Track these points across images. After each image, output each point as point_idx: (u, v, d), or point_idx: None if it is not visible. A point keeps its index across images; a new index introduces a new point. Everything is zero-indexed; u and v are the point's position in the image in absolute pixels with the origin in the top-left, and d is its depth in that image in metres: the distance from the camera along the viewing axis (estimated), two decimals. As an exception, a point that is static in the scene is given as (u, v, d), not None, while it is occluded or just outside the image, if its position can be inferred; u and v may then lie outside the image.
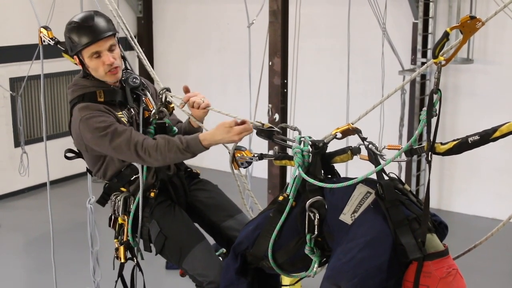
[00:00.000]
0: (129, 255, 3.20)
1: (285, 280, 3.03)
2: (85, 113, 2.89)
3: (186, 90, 3.05)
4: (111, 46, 2.95)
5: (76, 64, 3.04)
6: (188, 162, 3.34)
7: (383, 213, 2.34)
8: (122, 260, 3.17)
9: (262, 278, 2.82)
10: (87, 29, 2.91)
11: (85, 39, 2.91)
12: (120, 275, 3.26)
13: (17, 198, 8.91)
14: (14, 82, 8.60)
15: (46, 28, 3.39)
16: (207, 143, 2.79)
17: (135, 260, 3.21)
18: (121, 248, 3.14)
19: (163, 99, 3.09)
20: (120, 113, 2.99)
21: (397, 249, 2.28)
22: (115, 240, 3.16)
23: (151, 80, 3.43)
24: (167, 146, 2.79)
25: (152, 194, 3.06)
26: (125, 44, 3.79)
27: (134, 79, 3.08)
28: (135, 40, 3.29)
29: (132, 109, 3.07)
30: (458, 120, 7.83)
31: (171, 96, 3.10)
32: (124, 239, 3.13)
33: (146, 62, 3.21)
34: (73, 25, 2.95)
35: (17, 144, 8.66)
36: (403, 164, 7.68)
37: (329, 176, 2.64)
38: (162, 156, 2.80)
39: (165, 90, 3.09)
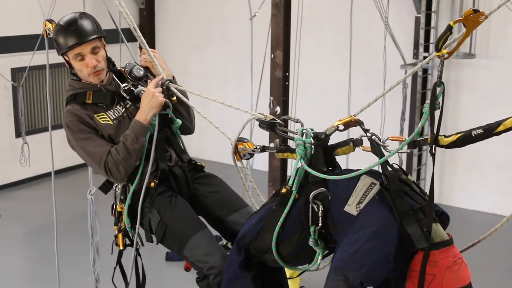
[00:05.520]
0: (128, 242, 3.23)
1: (286, 272, 3.03)
2: (68, 119, 3.07)
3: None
4: (94, 49, 3.07)
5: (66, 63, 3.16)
6: (189, 154, 3.33)
7: (388, 204, 2.35)
8: (121, 247, 3.20)
9: (265, 273, 2.82)
10: (70, 32, 3.04)
11: (68, 42, 3.05)
12: (119, 262, 3.27)
13: (17, 188, 8.91)
14: (16, 73, 8.60)
15: (50, 21, 3.48)
16: (143, 119, 2.98)
17: (134, 247, 3.20)
18: (120, 235, 3.19)
19: (166, 91, 3.08)
20: (103, 114, 3.09)
21: (403, 239, 2.30)
22: (115, 227, 3.21)
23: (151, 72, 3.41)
24: (122, 152, 2.96)
25: (152, 184, 3.06)
26: (128, 35, 3.79)
27: (139, 70, 3.13)
28: (138, 30, 3.26)
29: (127, 103, 3.13)
30: (460, 114, 7.83)
31: (175, 88, 3.09)
32: (122, 227, 3.16)
33: (150, 53, 3.18)
34: (58, 28, 3.09)
35: (18, 134, 8.65)
36: (404, 158, 7.68)
37: (330, 168, 2.64)
38: (125, 161, 2.97)
39: (168, 81, 3.08)
